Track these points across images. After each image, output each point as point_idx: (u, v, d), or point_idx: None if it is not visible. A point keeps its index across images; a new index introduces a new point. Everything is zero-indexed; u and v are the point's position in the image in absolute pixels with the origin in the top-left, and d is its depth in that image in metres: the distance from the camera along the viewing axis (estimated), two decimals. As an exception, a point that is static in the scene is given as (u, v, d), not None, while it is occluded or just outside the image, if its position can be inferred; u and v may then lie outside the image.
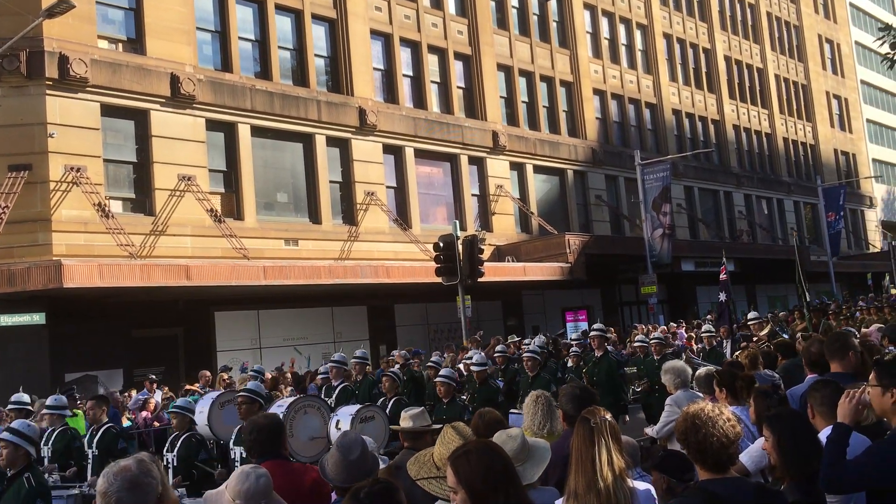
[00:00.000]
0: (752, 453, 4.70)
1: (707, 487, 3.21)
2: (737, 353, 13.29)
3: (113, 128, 18.79)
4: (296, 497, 4.01)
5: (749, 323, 15.75)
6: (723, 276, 18.20)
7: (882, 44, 16.89)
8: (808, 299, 15.90)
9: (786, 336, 15.78)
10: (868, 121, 55.55)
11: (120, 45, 19.48)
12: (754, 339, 13.85)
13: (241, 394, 7.30)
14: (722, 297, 18.41)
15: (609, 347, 13.51)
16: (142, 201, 19.12)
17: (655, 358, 11.84)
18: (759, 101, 44.17)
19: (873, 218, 52.42)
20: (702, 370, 7.68)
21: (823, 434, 4.17)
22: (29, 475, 5.80)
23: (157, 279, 16.26)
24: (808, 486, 3.63)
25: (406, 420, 5.01)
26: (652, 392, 11.40)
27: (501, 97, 29.04)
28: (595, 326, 13.12)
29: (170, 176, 19.10)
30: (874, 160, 54.74)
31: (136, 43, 19.54)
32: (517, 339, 18.90)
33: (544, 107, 30.97)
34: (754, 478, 4.63)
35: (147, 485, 2.98)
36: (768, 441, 3.88)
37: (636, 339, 14.20)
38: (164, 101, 19.30)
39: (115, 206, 18.45)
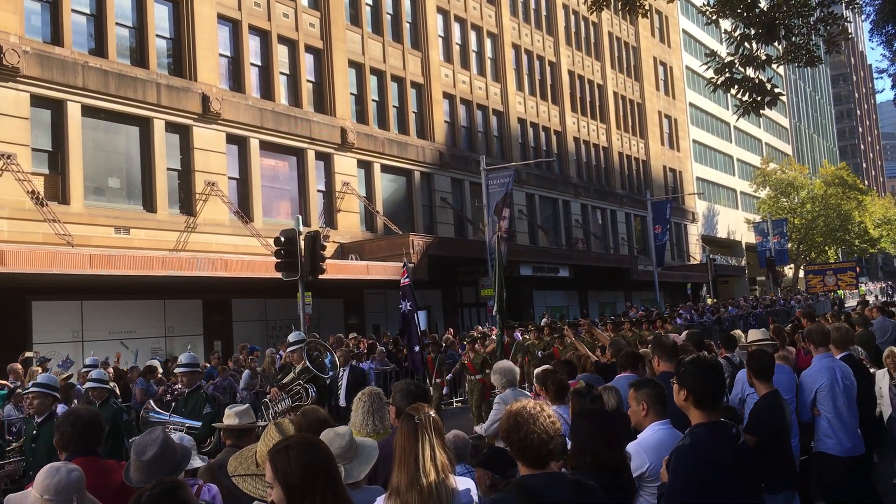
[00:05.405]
0: None
1: (525, 482, 3.28)
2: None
3: (-80, 96, 17.10)
4: (106, 495, 3.78)
5: (290, 349, 10.45)
6: (404, 282, 15.12)
7: (707, 69, 18.01)
8: (502, 314, 13.58)
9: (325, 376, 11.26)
10: (694, 141, 59.67)
11: (-67, 5, 17.75)
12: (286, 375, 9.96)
13: (31, 390, 7.21)
14: (404, 306, 14.87)
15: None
16: (-48, 178, 17.50)
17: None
18: (598, 115, 46.36)
19: (695, 232, 56.33)
20: (539, 370, 7.86)
21: (651, 429, 4.43)
22: None
23: (-34, 264, 14.90)
24: (595, 476, 3.79)
25: (230, 417, 4.84)
26: None
27: (352, 94, 28.84)
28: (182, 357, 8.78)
29: (-14, 153, 17.59)
30: (698, 178, 58.85)
31: (-49, 5, 17.88)
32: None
33: (394, 107, 31.06)
34: None
35: None
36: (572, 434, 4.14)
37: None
38: (-18, 70, 17.76)
39: (-80, 182, 16.80)
